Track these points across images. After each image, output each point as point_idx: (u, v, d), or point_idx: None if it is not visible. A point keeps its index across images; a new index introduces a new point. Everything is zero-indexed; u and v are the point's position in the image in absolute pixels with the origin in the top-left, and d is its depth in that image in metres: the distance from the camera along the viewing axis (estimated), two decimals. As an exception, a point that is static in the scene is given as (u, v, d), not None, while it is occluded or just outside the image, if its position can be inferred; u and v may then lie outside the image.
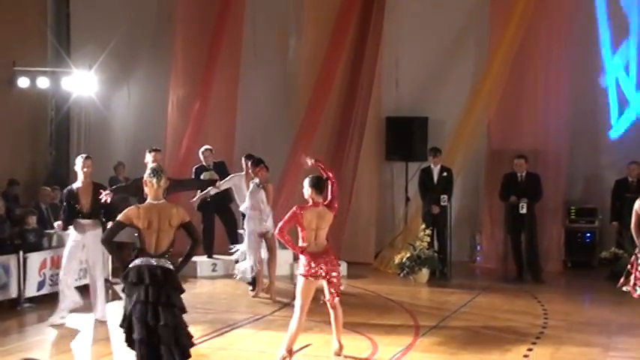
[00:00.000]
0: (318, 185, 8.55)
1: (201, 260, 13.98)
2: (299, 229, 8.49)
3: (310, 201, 8.58)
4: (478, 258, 15.77)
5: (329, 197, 8.63)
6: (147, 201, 7.36)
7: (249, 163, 12.39)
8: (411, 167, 15.81)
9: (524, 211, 13.82)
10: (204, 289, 12.80)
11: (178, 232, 7.37)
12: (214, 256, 14.26)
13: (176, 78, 16.83)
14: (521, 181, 14.08)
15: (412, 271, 13.62)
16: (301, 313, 8.50)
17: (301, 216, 8.44)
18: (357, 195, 15.70)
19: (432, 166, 14.26)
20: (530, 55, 15.35)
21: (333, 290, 8.55)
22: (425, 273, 13.68)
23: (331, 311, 8.68)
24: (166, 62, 16.89)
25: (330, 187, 8.62)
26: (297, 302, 8.55)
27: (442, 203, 13.94)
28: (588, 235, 15.16)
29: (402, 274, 13.70)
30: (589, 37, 15.42)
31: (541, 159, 14.90)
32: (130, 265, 7.17)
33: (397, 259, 13.85)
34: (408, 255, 13.67)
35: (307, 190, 8.59)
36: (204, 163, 14.32)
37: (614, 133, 15.38)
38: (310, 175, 8.68)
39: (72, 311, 10.61)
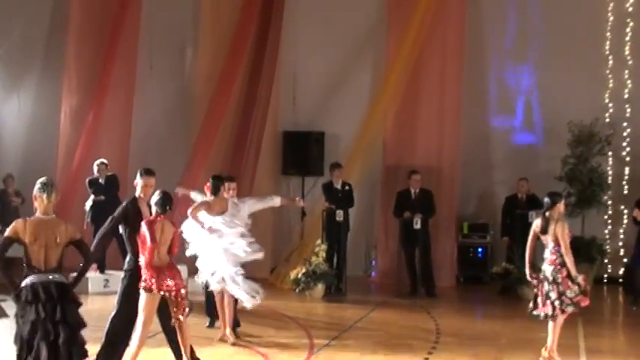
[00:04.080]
0: (162, 202, 8.34)
1: (92, 276, 13.66)
2: (143, 243, 8.24)
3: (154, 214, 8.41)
4: (373, 273, 15.92)
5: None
6: (35, 215, 7.13)
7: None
8: (308, 182, 15.86)
9: (418, 226, 14.00)
10: (96, 306, 12.44)
11: (68, 248, 7.17)
12: (106, 271, 13.96)
13: (69, 88, 16.49)
14: (415, 198, 14.27)
15: (308, 287, 13.63)
16: (144, 328, 8.30)
17: (155, 228, 8.23)
18: (253, 209, 15.61)
19: (334, 180, 14.28)
20: (425, 72, 15.64)
21: (180, 308, 8.32)
22: (320, 288, 13.70)
23: (178, 329, 8.44)
24: (59, 71, 16.55)
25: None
26: (140, 318, 8.31)
27: (338, 219, 13.99)
28: (480, 250, 15.46)
29: (297, 290, 13.70)
30: (483, 54, 15.81)
31: (434, 175, 15.14)
32: (23, 284, 6.93)
33: (293, 275, 13.84)
34: (304, 270, 13.67)
35: (152, 204, 8.42)
36: (96, 176, 14.12)
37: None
38: (159, 191, 8.49)
39: None
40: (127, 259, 8.65)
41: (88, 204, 14.05)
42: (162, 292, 8.23)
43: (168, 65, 16.60)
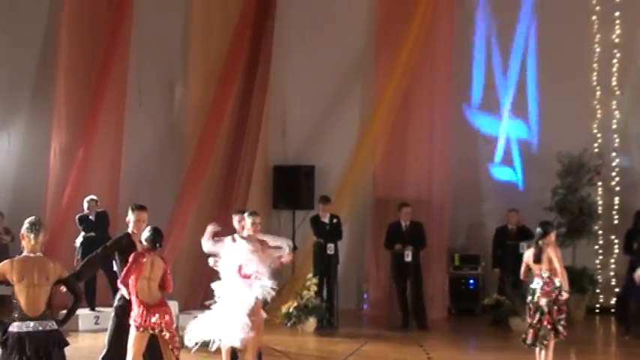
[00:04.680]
0: (153, 239, 8.33)
1: (83, 313, 13.58)
2: (132, 279, 8.20)
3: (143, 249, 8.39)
4: (365, 306, 15.87)
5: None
6: (23, 254, 7.11)
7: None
8: (298, 216, 15.84)
9: (409, 259, 13.99)
10: (86, 344, 12.42)
11: (56, 287, 7.14)
12: (97, 308, 13.88)
13: (59, 125, 16.47)
14: (406, 230, 14.25)
15: (299, 321, 13.58)
16: None
17: (142, 262, 8.18)
18: (244, 244, 15.58)
19: (321, 213, 14.29)
20: (414, 104, 15.70)
21: (171, 347, 8.23)
22: (312, 322, 13.65)
23: None
24: (48, 110, 16.51)
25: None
26: (129, 355, 8.22)
27: (329, 252, 13.98)
28: (472, 281, 15.43)
29: (289, 324, 13.64)
30: (471, 86, 15.91)
31: (425, 207, 15.12)
32: (10, 330, 6.88)
33: (284, 309, 13.78)
34: (295, 304, 13.63)
35: (143, 240, 8.39)
36: (86, 212, 14.11)
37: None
38: (149, 227, 8.48)
39: None
40: (118, 296, 8.62)
41: (78, 241, 14.00)
42: (150, 330, 8.18)
43: (158, 101, 16.62)
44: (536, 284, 9.64)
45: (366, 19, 16.20)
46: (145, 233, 8.38)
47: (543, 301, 9.47)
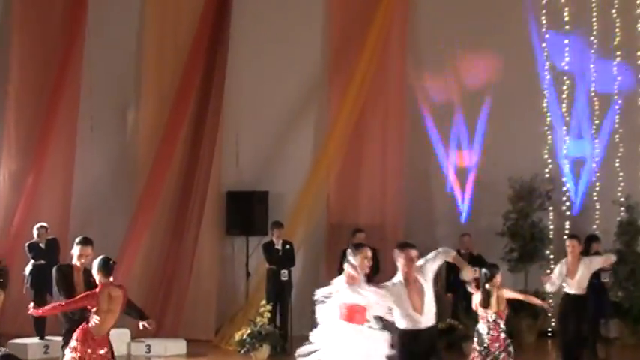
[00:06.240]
0: (105, 267, 8.18)
1: (32, 342, 13.37)
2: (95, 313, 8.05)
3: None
4: (319, 332, 15.79)
5: None
6: None
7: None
8: (252, 242, 15.76)
9: (363, 284, 13.97)
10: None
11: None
12: (47, 337, 13.65)
13: (8, 150, 16.24)
14: (360, 256, 14.23)
15: (253, 348, 13.47)
16: None
17: (97, 297, 8.02)
18: (197, 270, 15.52)
19: (275, 239, 14.25)
20: (368, 129, 15.80)
21: None
22: (265, 349, 13.55)
23: None
24: (-2, 135, 16.33)
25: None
26: None
27: (282, 278, 13.94)
28: (425, 306, 15.41)
29: (242, 351, 13.53)
30: (424, 112, 16.04)
31: (378, 233, 15.15)
32: None
33: (237, 336, 13.67)
34: (249, 331, 13.54)
35: (95, 272, 8.24)
36: (36, 240, 13.91)
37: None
38: (100, 257, 8.35)
39: None
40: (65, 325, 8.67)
41: (28, 269, 13.78)
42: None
43: (110, 126, 16.44)
44: (482, 329, 9.67)
45: (320, 45, 16.28)
46: (95, 264, 8.27)
47: (494, 346, 9.53)
